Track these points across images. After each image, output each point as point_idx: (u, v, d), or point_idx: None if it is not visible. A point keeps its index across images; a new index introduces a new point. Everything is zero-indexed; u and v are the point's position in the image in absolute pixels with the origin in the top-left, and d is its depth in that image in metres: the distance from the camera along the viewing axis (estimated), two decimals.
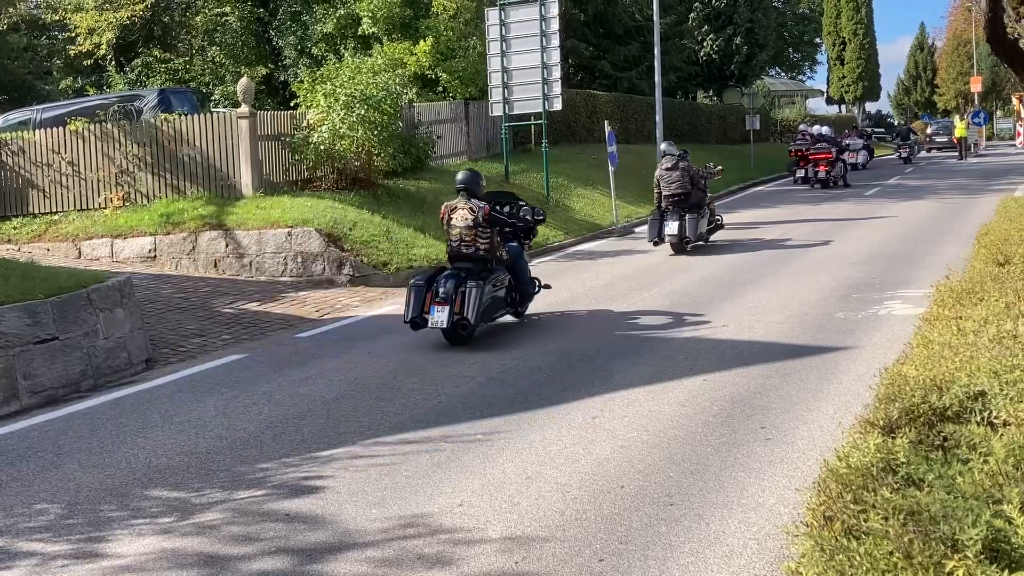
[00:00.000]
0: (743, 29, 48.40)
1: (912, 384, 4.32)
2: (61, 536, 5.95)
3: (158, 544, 5.75)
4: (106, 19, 26.05)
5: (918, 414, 4.04)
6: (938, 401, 4.07)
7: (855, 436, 4.02)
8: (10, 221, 18.23)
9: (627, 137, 33.96)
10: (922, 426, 3.90)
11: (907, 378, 4.48)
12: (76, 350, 9.88)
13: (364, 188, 19.10)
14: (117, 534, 5.94)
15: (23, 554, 5.71)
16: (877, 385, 4.96)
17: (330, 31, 25.96)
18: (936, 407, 4.04)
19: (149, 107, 20.03)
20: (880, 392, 4.54)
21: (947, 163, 45.44)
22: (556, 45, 23.64)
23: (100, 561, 5.57)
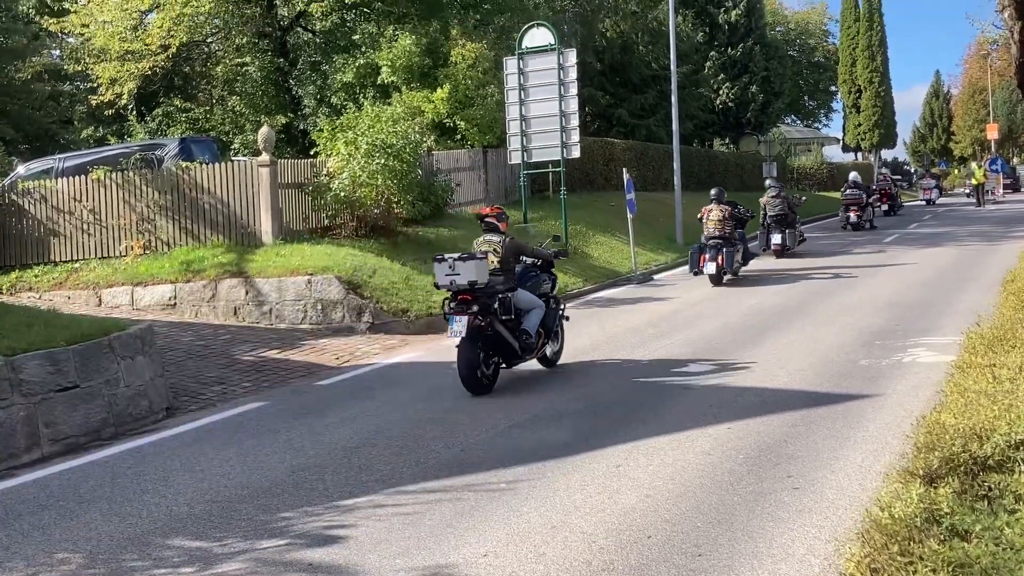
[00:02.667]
0: (759, 78, 48.63)
1: (951, 433, 4.23)
2: None
3: None
4: (128, 69, 26.31)
5: (959, 463, 3.96)
6: (979, 450, 3.98)
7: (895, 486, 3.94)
8: (32, 269, 18.32)
9: (644, 184, 34.03)
10: (964, 475, 3.82)
11: (946, 426, 4.40)
12: (97, 398, 9.85)
13: (384, 235, 19.14)
14: None
15: None
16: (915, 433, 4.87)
17: (350, 80, 26.16)
18: (977, 456, 3.95)
19: (170, 156, 20.15)
20: (919, 441, 4.46)
21: (965, 210, 45.31)
22: (574, 94, 23.74)
23: None
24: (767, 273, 21.74)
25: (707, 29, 47.68)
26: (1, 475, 8.53)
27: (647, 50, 41.73)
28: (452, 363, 12.60)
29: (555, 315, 12.12)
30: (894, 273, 20.46)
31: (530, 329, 11.38)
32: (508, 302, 11.20)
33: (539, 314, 11.63)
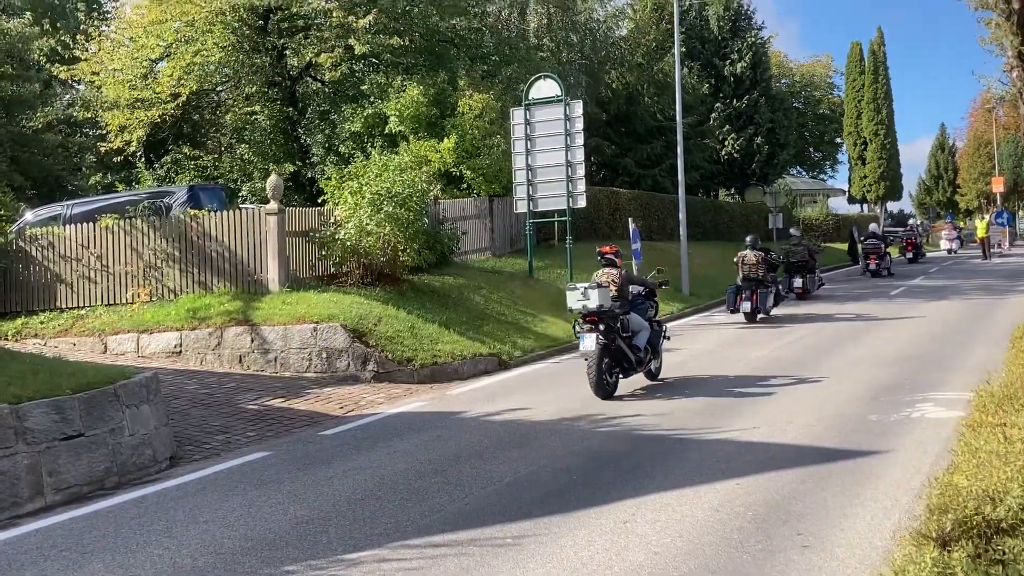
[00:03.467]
0: (764, 129, 48.88)
1: (964, 495, 4.19)
2: None
3: None
4: (138, 117, 26.50)
5: (972, 525, 3.91)
6: (992, 512, 3.94)
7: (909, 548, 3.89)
8: (38, 316, 18.32)
9: (650, 234, 34.10)
10: (978, 539, 3.77)
11: (958, 488, 4.35)
12: (102, 447, 9.81)
13: (389, 283, 19.15)
14: None
15: None
16: (927, 494, 4.82)
17: (358, 129, 26.34)
18: (991, 519, 3.91)
19: (178, 203, 20.23)
20: (931, 502, 4.41)
21: (971, 263, 45.30)
22: (580, 144, 23.89)
23: None
24: (779, 323, 21.70)
25: (712, 81, 48.01)
26: (4, 524, 8.47)
27: (653, 101, 42.00)
28: (455, 413, 12.59)
29: (658, 335, 14.52)
30: (901, 326, 20.41)
31: (640, 345, 13.85)
32: (625, 323, 13.63)
33: (646, 334, 14.08)
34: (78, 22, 29.15)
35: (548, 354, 18.53)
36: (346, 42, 25.17)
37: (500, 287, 22.13)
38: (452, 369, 16.26)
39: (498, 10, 33.99)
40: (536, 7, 35.18)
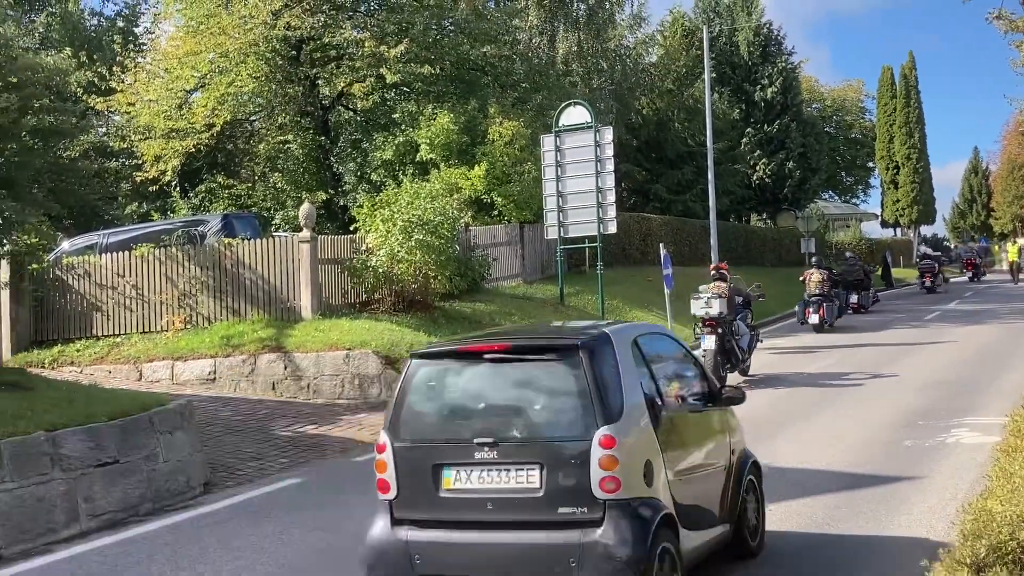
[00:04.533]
0: (795, 154, 48.71)
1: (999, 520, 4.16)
2: None
3: None
4: (172, 147, 26.79)
5: (1006, 551, 3.88)
6: None
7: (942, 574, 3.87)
8: (74, 343, 18.50)
9: (681, 260, 33.96)
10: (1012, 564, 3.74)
11: (992, 513, 4.32)
12: (136, 473, 9.90)
13: (421, 310, 19.22)
14: None
15: None
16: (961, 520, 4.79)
17: (389, 157, 26.51)
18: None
19: (213, 232, 20.41)
20: (965, 528, 4.38)
21: (1005, 287, 44.87)
22: (610, 170, 23.91)
23: None
24: (803, 349, 21.59)
25: (743, 106, 47.96)
26: (40, 551, 8.56)
27: (683, 126, 42.00)
28: None
29: (755, 339, 18.14)
30: (936, 351, 20.25)
31: (744, 347, 17.01)
32: (735, 327, 16.81)
33: (747, 338, 17.32)
34: (114, 54, 29.57)
35: None
36: (378, 71, 25.38)
37: (531, 313, 22.15)
38: None
39: (528, 37, 34.16)
40: (566, 34, 35.33)
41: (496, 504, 6.06)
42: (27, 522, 8.73)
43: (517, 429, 6.16)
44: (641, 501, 5.98)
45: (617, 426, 5.97)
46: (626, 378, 6.27)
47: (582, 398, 6.06)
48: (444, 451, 6.21)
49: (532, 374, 6.36)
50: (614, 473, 5.84)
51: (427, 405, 6.49)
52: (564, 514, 5.93)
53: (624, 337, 6.71)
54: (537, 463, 6.00)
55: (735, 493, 7.35)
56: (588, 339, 6.37)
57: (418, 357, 6.62)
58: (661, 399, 6.59)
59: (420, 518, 6.25)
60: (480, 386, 6.44)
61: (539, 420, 6.22)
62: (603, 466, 5.84)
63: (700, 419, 7.34)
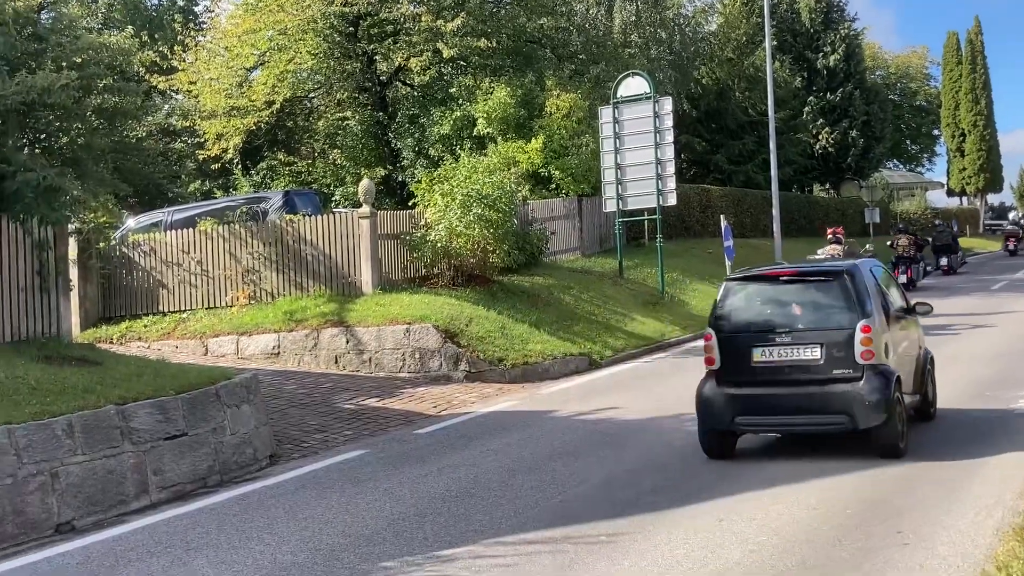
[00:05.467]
0: (859, 122, 47.92)
1: None
2: None
3: None
4: (234, 125, 27.07)
5: None
6: None
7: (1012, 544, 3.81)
8: (141, 319, 18.82)
9: (743, 231, 33.68)
10: None
11: None
12: (204, 446, 10.08)
13: (480, 284, 19.27)
14: None
15: None
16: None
17: (447, 132, 26.52)
18: None
19: (274, 208, 20.62)
20: None
21: None
22: (670, 141, 23.71)
23: None
24: None
25: (805, 74, 47.25)
26: (111, 522, 8.75)
27: (744, 96, 41.49)
28: (546, 412, 12.63)
29: None
30: (1001, 321, 19.87)
31: None
32: None
33: None
34: (175, 33, 29.90)
35: (639, 353, 18.45)
36: (434, 46, 25.38)
37: (590, 287, 22.10)
38: (543, 369, 16.30)
39: (585, 8, 33.86)
40: (623, 4, 34.95)
41: (791, 368, 9.56)
42: (98, 494, 8.93)
43: (803, 323, 9.68)
44: (884, 366, 9.42)
45: (870, 320, 9.44)
46: (870, 292, 9.78)
47: (848, 303, 9.59)
48: (754, 337, 9.74)
49: (811, 289, 10.03)
50: (869, 348, 9.32)
51: (740, 309, 10.12)
52: (837, 375, 9.38)
53: (865, 267, 10.37)
54: (819, 343, 9.50)
55: (921, 373, 10.74)
56: (848, 267, 10.10)
57: (731, 280, 10.48)
58: (886, 306, 10.11)
59: (736, 380, 9.75)
60: (777, 297, 10.08)
61: (819, 316, 9.74)
62: (863, 344, 9.33)
63: (905, 322, 10.76)
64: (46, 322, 12.60)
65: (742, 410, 9.64)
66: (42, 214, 11.67)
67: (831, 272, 10.16)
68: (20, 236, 12.24)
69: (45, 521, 8.44)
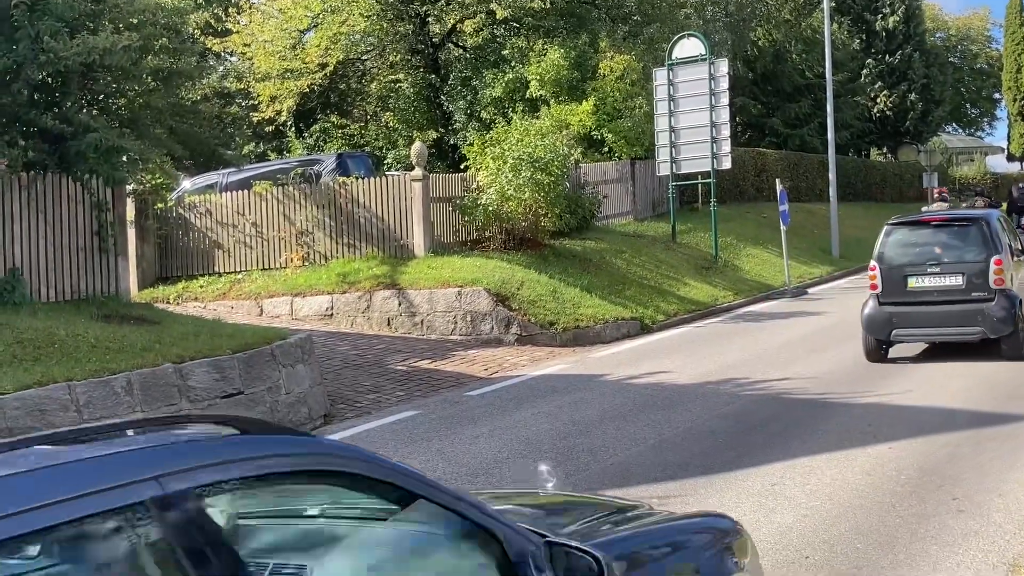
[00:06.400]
0: (918, 85, 47.00)
1: None
2: None
3: None
4: (287, 87, 27.20)
5: None
6: None
7: None
8: (197, 280, 19.07)
9: (798, 195, 33.27)
10: None
11: None
12: (260, 404, 10.22)
13: (531, 248, 19.25)
14: None
15: None
16: None
17: (499, 95, 26.42)
18: None
19: (327, 171, 20.72)
20: None
21: None
22: (725, 103, 23.45)
23: None
24: None
25: (863, 36, 46.37)
26: None
27: (800, 58, 40.84)
28: (598, 375, 12.63)
29: None
30: None
31: None
32: None
33: None
34: None
35: (691, 318, 18.37)
36: (488, 7, 25.26)
37: (642, 251, 22.00)
38: (594, 333, 16.29)
39: None
40: None
41: (938, 292, 12.28)
42: None
43: (949, 257, 12.39)
44: (1010, 291, 12.13)
45: (1001, 255, 12.17)
46: (1000, 234, 12.50)
47: (984, 242, 12.27)
48: (909, 268, 12.49)
49: (955, 231, 12.76)
50: (1000, 276, 12.01)
51: (898, 247, 12.76)
52: (974, 296, 12.08)
53: (995, 215, 13.32)
54: (961, 272, 12.22)
55: None
56: (983, 215, 13.18)
57: (891, 224, 13.14)
58: (1010, 246, 12.74)
59: (894, 301, 12.45)
60: (927, 238, 12.79)
61: (961, 252, 12.40)
62: (995, 273, 12.03)
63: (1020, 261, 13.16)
64: (105, 281, 12.82)
65: (898, 324, 12.33)
66: (104, 174, 11.84)
67: (970, 218, 13.09)
68: (80, 197, 12.44)
69: None
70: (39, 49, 11.16)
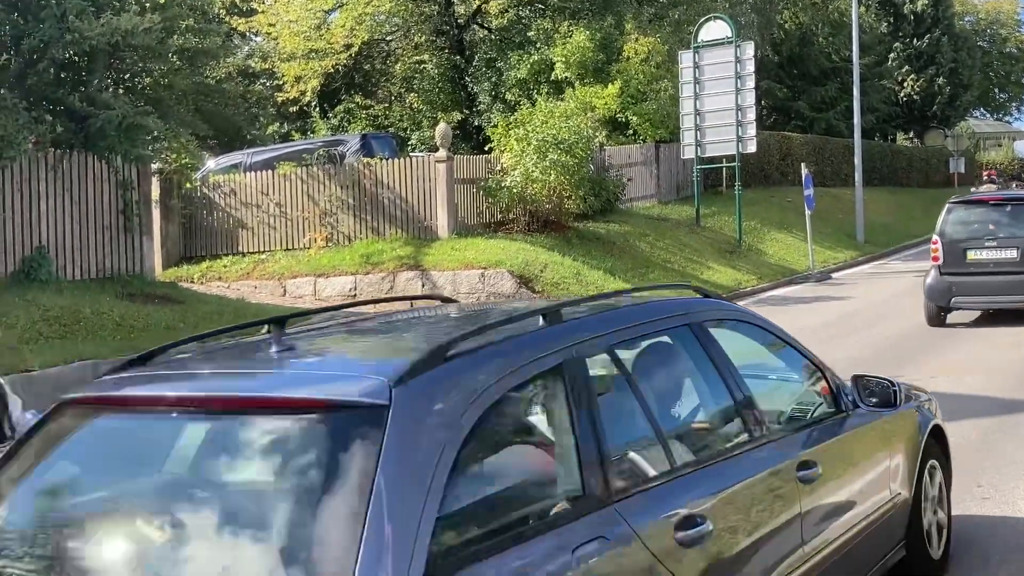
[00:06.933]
0: (946, 69, 46.56)
1: None
2: None
3: None
4: (312, 67, 27.23)
5: None
6: None
7: None
8: (221, 259, 19.14)
9: (823, 180, 33.06)
10: None
11: None
12: None
13: (555, 230, 19.23)
14: None
15: None
16: None
17: (524, 76, 26.36)
18: None
19: (351, 151, 20.73)
20: None
21: None
22: (751, 87, 23.31)
23: None
24: None
25: (891, 19, 45.96)
26: None
27: (827, 41, 40.52)
28: None
29: None
30: None
31: None
32: None
33: None
34: None
35: None
36: None
37: (666, 234, 21.92)
38: None
39: None
40: None
41: (995, 264, 13.47)
42: None
43: (1004, 232, 13.55)
44: None
45: None
46: None
47: None
48: (969, 242, 13.69)
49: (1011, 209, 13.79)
50: None
51: (959, 223, 14.00)
52: None
53: None
54: (1016, 247, 13.40)
55: None
56: None
57: (953, 202, 14.51)
58: None
59: (954, 271, 13.57)
60: (984, 216, 13.99)
61: (1017, 229, 13.51)
62: None
63: None
64: (130, 260, 12.90)
65: (957, 292, 13.50)
66: (124, 151, 11.90)
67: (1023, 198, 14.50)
68: (105, 176, 12.51)
69: None
70: (65, 28, 11.22)
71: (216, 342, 3.90)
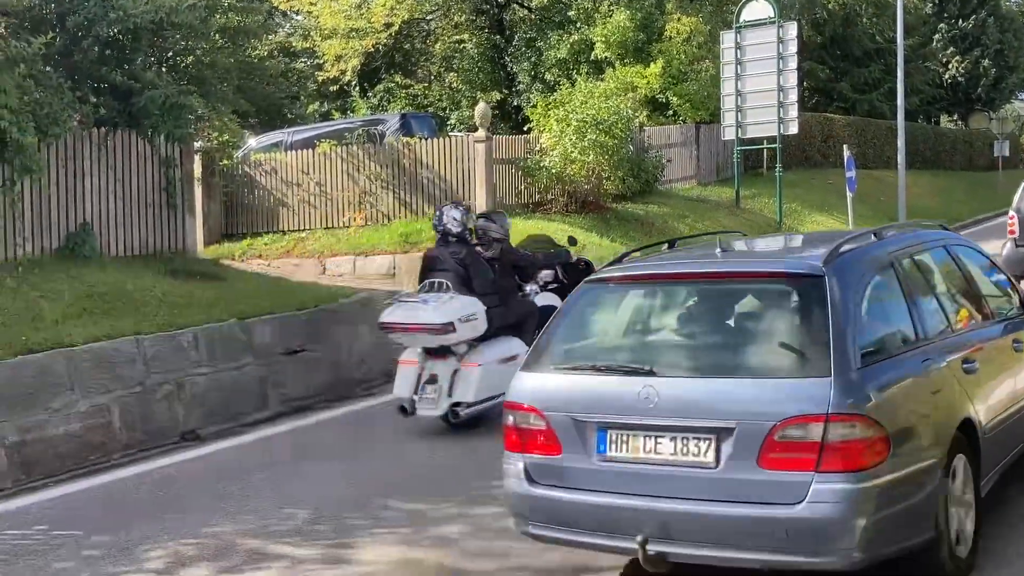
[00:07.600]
0: (992, 51, 45.81)
1: None
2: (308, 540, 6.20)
3: (399, 554, 5.90)
4: (352, 47, 27.26)
5: None
6: None
7: None
8: (262, 237, 19.24)
9: (865, 162, 32.67)
10: None
11: None
12: (322, 362, 10.33)
13: (593, 211, 19.16)
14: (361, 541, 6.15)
15: (274, 556, 5.98)
16: None
17: (563, 56, 26.25)
18: None
19: (391, 131, 20.74)
20: None
21: None
22: (793, 68, 23.03)
23: (346, 567, 5.76)
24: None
25: (936, 0, 45.32)
26: (233, 432, 9.06)
27: (871, 22, 39.99)
28: None
29: None
30: None
31: None
32: None
33: None
34: None
35: None
36: None
37: (705, 216, 21.78)
38: None
39: None
40: None
41: None
42: (219, 406, 9.26)
43: None
44: None
45: None
46: None
47: None
48: None
49: None
50: None
51: None
52: None
53: None
54: None
55: None
56: None
57: None
58: None
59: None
60: None
61: None
62: None
63: None
64: (172, 237, 13.01)
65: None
66: (167, 130, 11.98)
67: None
68: (148, 153, 12.61)
69: (171, 429, 8.80)
70: (109, 6, 11.30)
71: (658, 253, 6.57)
